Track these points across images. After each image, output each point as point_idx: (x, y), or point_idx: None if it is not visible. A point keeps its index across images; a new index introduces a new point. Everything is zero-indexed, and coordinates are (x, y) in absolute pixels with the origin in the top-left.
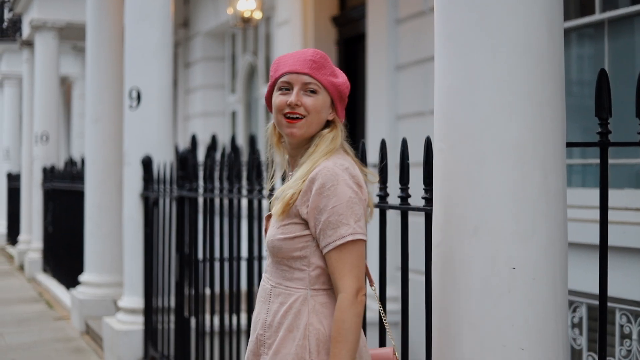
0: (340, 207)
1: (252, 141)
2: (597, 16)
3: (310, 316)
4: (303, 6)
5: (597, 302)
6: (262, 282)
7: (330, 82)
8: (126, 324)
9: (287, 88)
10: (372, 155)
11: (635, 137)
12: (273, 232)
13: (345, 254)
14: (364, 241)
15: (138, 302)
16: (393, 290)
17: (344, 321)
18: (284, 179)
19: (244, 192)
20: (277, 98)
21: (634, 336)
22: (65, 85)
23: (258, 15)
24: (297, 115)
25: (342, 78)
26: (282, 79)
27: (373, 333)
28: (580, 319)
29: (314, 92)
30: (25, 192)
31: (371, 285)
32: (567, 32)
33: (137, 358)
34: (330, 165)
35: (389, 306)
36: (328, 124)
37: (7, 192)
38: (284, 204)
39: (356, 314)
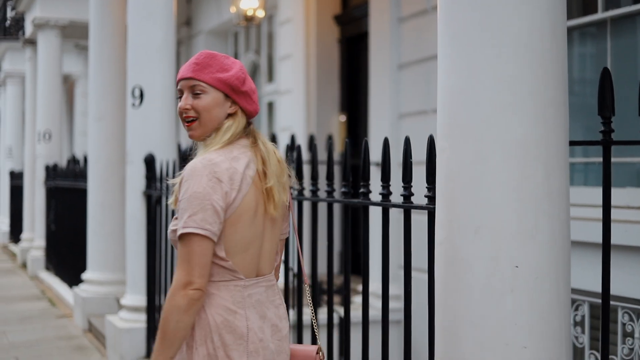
0: (184, 200)
1: None
2: (600, 15)
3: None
4: (305, 5)
5: (599, 301)
6: None
7: (216, 79)
8: (129, 322)
9: (180, 95)
10: (375, 154)
11: (638, 135)
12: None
13: (181, 246)
14: (202, 236)
15: (141, 300)
16: (395, 288)
17: (163, 311)
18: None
19: None
20: (178, 105)
21: (636, 334)
22: (68, 84)
23: (261, 13)
24: (191, 118)
25: (233, 71)
26: (177, 87)
27: (376, 331)
28: (583, 317)
29: (200, 93)
30: (27, 190)
31: (305, 283)
32: (570, 31)
33: (139, 356)
34: (198, 159)
35: (391, 304)
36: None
37: (9, 190)
38: (174, 196)
39: (175, 306)
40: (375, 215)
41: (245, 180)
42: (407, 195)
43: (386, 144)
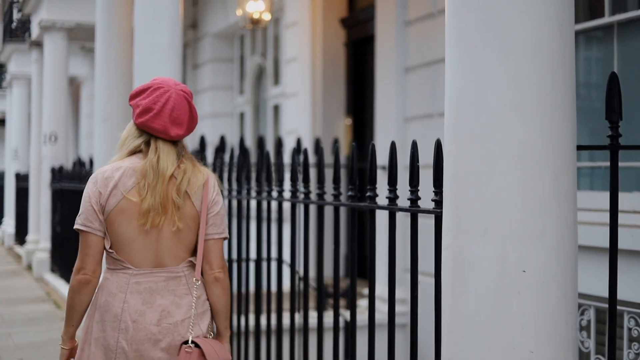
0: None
1: (260, 142)
2: (607, 19)
3: None
4: (312, 8)
5: (605, 305)
6: None
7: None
8: None
9: None
10: (382, 157)
11: None
12: None
13: (79, 239)
14: (86, 231)
15: None
16: (401, 292)
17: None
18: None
19: (253, 193)
20: None
21: None
22: (74, 86)
23: (267, 16)
24: None
25: (135, 90)
26: None
27: (381, 334)
28: (589, 321)
29: None
30: (33, 192)
31: (197, 280)
32: (577, 35)
33: None
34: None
35: (397, 308)
36: None
37: (15, 192)
38: None
39: (71, 287)
40: (381, 219)
41: (121, 187)
42: (414, 199)
43: (393, 147)
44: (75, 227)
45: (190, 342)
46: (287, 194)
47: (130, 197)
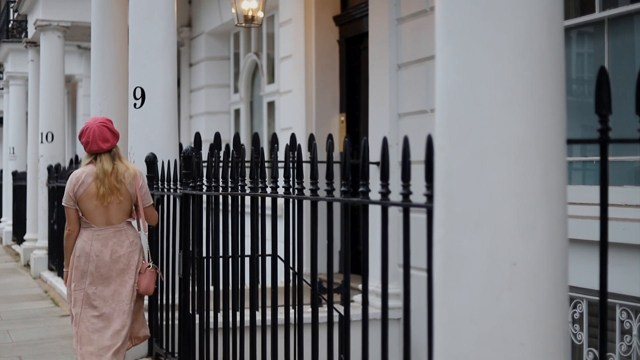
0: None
1: (255, 139)
2: (597, 15)
3: None
4: (305, 5)
5: (597, 298)
6: None
7: None
8: None
9: None
10: (375, 153)
11: (635, 133)
12: None
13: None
14: (67, 207)
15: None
16: (395, 286)
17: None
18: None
19: (247, 189)
20: None
21: (634, 332)
22: (71, 85)
23: (261, 14)
24: None
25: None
26: None
27: (375, 329)
28: (581, 314)
29: None
30: (31, 191)
31: (137, 230)
32: (568, 30)
33: (142, 354)
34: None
35: (391, 303)
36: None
37: (12, 190)
38: None
39: (64, 237)
40: (374, 214)
41: (85, 182)
42: (406, 193)
43: (385, 143)
44: (62, 204)
45: (149, 265)
46: (281, 190)
47: (90, 188)
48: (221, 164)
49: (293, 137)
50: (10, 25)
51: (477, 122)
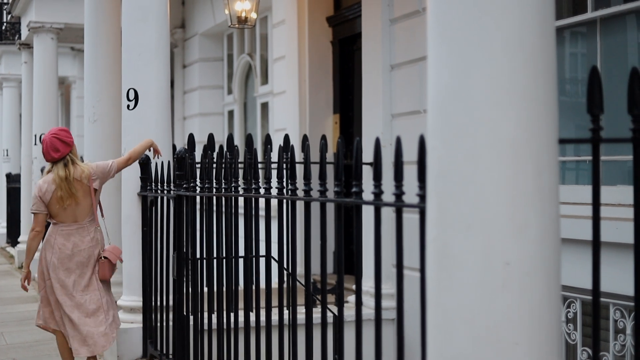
0: (32, 198)
1: (249, 140)
2: (590, 14)
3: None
4: (298, 6)
5: (590, 298)
6: None
7: None
8: (125, 323)
9: None
10: (368, 154)
11: (628, 133)
12: None
13: (33, 216)
14: (37, 213)
15: (137, 300)
16: (389, 287)
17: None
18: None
19: (241, 190)
20: None
21: (628, 331)
22: (64, 87)
23: (254, 15)
24: None
25: None
26: None
27: (369, 329)
28: (575, 314)
29: None
30: (25, 193)
31: (96, 227)
32: (560, 30)
33: (136, 356)
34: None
35: (384, 303)
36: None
37: (6, 192)
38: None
39: (29, 238)
40: (368, 214)
41: (48, 189)
42: (399, 194)
43: (377, 143)
44: (30, 211)
45: (103, 257)
46: (274, 191)
47: (54, 194)
48: (215, 165)
49: (286, 138)
50: (3, 27)
51: (470, 122)
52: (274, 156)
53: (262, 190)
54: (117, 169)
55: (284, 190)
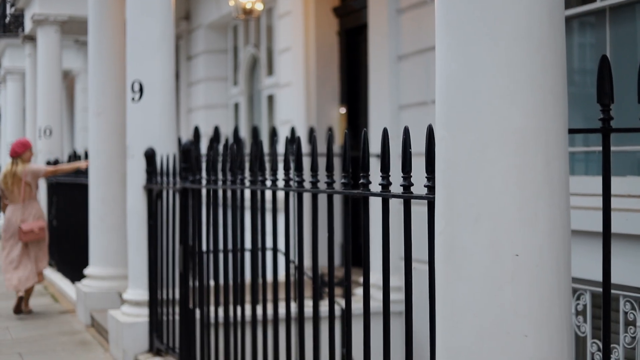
0: None
1: (254, 132)
2: (599, 4)
3: None
4: None
5: (600, 290)
6: None
7: None
8: (131, 317)
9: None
10: (375, 145)
11: (637, 123)
12: None
13: None
14: None
15: (143, 294)
16: (397, 279)
17: None
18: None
19: (247, 183)
20: None
21: (638, 323)
22: (68, 80)
23: (259, 6)
24: None
25: None
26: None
27: (377, 322)
28: (584, 306)
29: None
30: None
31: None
32: (569, 20)
33: (142, 350)
34: None
35: (392, 296)
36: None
37: None
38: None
39: None
40: (375, 206)
41: (2, 179)
42: (407, 185)
43: (385, 134)
44: None
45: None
46: (280, 183)
47: (5, 182)
48: (220, 158)
49: (293, 130)
50: (7, 20)
51: (477, 112)
52: (280, 148)
53: (268, 183)
54: (44, 174)
55: (291, 182)
